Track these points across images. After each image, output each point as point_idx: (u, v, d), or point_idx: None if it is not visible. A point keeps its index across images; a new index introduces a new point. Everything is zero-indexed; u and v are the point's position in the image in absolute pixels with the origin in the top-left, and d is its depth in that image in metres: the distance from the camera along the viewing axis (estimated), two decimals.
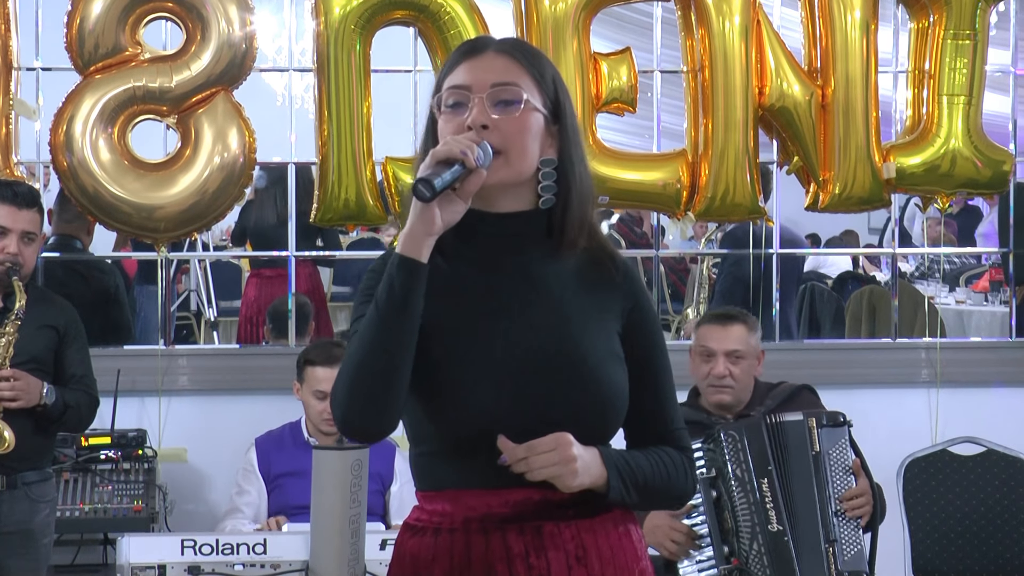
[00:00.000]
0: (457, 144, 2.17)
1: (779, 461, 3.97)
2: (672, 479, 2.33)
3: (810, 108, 5.22)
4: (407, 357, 2.18)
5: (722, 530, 3.91)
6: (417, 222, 2.17)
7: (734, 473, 3.92)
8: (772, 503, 3.92)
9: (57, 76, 5.24)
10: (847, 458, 4.05)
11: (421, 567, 2.26)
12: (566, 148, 2.31)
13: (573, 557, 2.24)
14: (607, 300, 2.32)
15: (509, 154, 2.23)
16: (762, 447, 3.96)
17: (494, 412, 2.19)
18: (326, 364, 4.60)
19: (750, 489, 3.92)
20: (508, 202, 2.28)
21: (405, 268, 2.17)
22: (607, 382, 2.25)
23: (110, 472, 5.04)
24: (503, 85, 2.25)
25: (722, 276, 6.95)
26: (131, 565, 3.69)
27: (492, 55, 2.29)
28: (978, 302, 8.47)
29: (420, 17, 5.07)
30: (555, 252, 2.30)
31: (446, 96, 2.28)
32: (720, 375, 4.24)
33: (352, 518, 3.40)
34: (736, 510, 3.91)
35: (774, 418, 4.03)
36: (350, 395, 2.19)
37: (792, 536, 3.91)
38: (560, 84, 2.33)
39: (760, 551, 3.88)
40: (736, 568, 3.88)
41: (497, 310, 2.25)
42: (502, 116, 2.24)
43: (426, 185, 2.13)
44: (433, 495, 2.28)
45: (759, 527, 3.89)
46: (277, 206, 7.60)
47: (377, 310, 2.18)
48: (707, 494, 3.92)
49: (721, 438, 3.95)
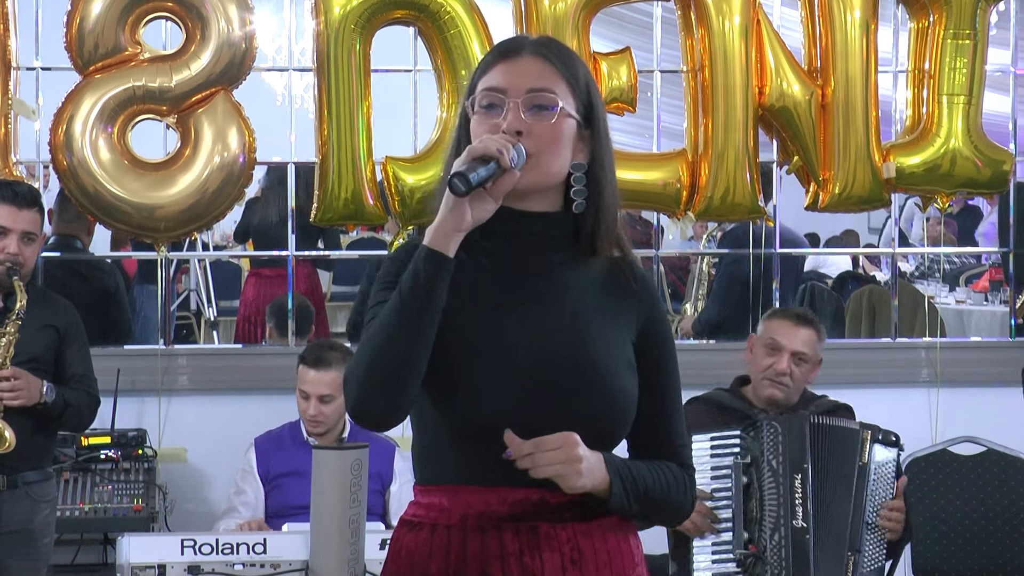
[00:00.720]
0: (494, 143, 2.17)
1: (817, 461, 3.98)
2: (672, 493, 2.32)
3: (810, 108, 5.22)
4: (425, 349, 2.18)
5: (746, 517, 3.95)
6: (448, 216, 2.17)
7: (769, 463, 3.95)
8: (801, 499, 3.94)
9: (57, 76, 5.23)
10: (892, 476, 4.08)
11: (417, 563, 2.26)
12: (598, 153, 2.31)
13: (568, 559, 2.24)
14: (623, 308, 2.31)
15: (541, 159, 2.23)
16: (802, 444, 3.98)
17: (502, 408, 2.19)
18: (314, 366, 4.59)
19: (782, 482, 3.94)
20: (535, 203, 2.28)
21: (432, 260, 2.17)
22: (617, 389, 2.25)
23: (110, 472, 5.04)
24: (538, 91, 2.25)
25: (719, 275, 6.93)
26: (131, 565, 3.69)
27: (528, 58, 2.27)
28: (978, 302, 8.47)
29: (420, 17, 5.07)
30: (579, 257, 2.30)
31: (480, 97, 2.27)
32: (782, 371, 4.24)
33: (352, 518, 3.40)
34: (764, 500, 3.94)
35: (821, 419, 4.06)
36: (365, 381, 2.18)
37: (814, 535, 3.93)
38: (593, 88, 2.32)
39: (780, 543, 3.90)
40: (753, 555, 3.90)
41: (514, 309, 2.25)
42: (536, 122, 2.24)
43: (462, 179, 2.13)
44: (431, 488, 2.28)
45: (783, 520, 3.92)
46: (281, 205, 7.59)
47: (400, 299, 2.17)
48: (738, 479, 3.95)
49: (763, 427, 3.98)
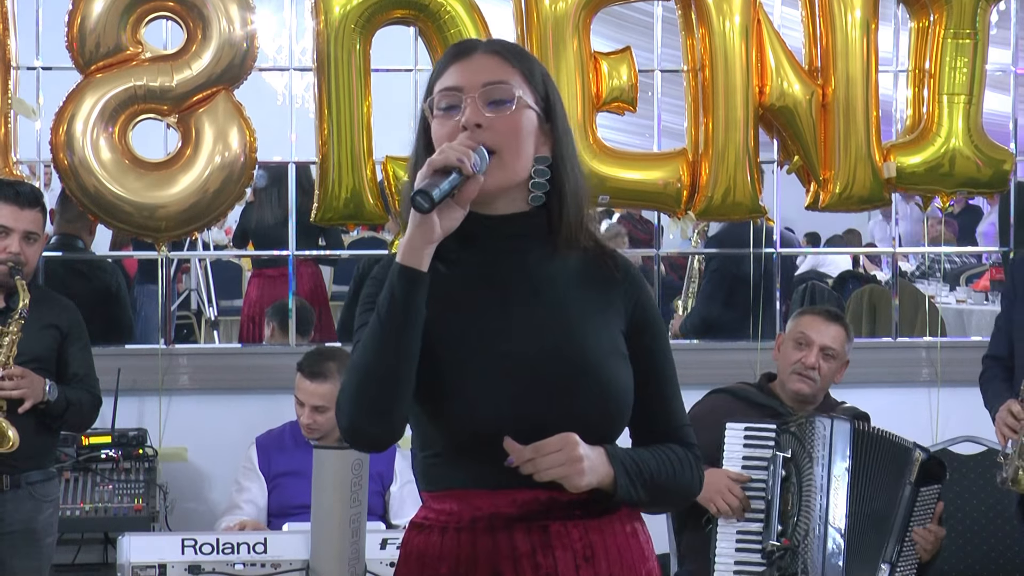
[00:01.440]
0: (453, 152, 2.16)
1: (859, 466, 4.00)
2: (679, 475, 2.32)
3: (810, 107, 5.22)
4: (410, 366, 2.17)
5: (781, 510, 3.95)
6: (416, 232, 2.17)
7: (813, 459, 3.97)
8: (841, 501, 3.95)
9: (58, 75, 5.23)
10: (934, 501, 4.13)
11: (427, 565, 2.26)
12: (559, 146, 2.30)
13: (581, 556, 2.24)
14: (609, 298, 2.31)
15: (504, 153, 2.23)
16: (847, 447, 3.99)
17: (499, 415, 2.19)
18: (310, 378, 4.58)
19: (823, 481, 3.96)
20: (506, 204, 2.28)
21: (405, 277, 2.17)
22: (611, 380, 2.25)
23: (110, 471, 5.04)
24: (495, 84, 2.25)
25: (707, 276, 6.88)
26: (132, 564, 3.69)
27: (481, 56, 2.28)
28: (978, 301, 8.47)
29: (420, 16, 5.07)
30: (554, 251, 2.30)
31: (438, 99, 2.27)
32: (811, 364, 4.28)
33: (352, 517, 3.40)
34: (802, 496, 3.95)
35: (865, 426, 4.07)
36: (355, 404, 2.19)
37: (848, 539, 3.95)
38: (550, 82, 2.32)
39: (814, 541, 3.91)
40: (786, 548, 3.91)
41: (499, 312, 2.25)
42: (495, 114, 2.24)
43: (424, 197, 2.13)
44: (441, 495, 2.28)
45: (820, 518, 3.93)
46: (279, 205, 7.58)
47: (379, 320, 2.17)
48: (776, 472, 3.97)
49: (815, 423, 4.00)
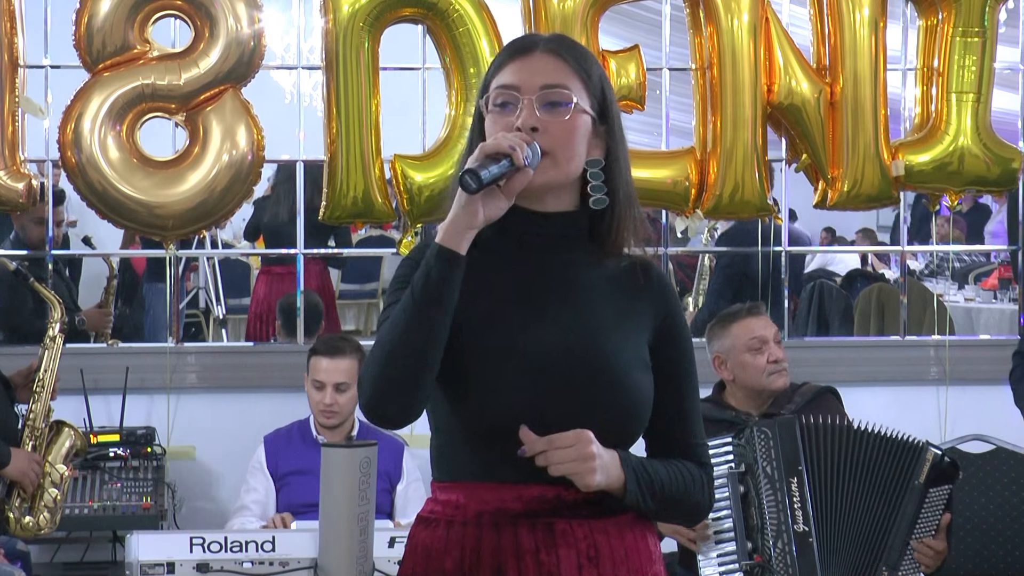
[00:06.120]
0: (507, 140, 2.16)
1: (812, 462, 3.93)
2: (689, 492, 2.31)
3: (819, 106, 5.22)
4: (438, 347, 2.18)
5: (747, 526, 3.91)
6: (460, 214, 2.17)
7: (764, 470, 3.92)
8: (800, 503, 3.90)
9: (65, 74, 5.24)
10: (942, 504, 4.02)
11: (432, 559, 2.26)
12: (613, 149, 2.30)
13: (584, 556, 2.23)
14: (639, 308, 2.30)
15: (557, 156, 2.22)
16: (794, 446, 3.93)
17: (517, 407, 2.19)
18: (328, 355, 4.59)
19: (778, 487, 3.90)
20: (551, 202, 2.27)
21: (443, 258, 2.17)
22: (632, 388, 2.25)
23: (119, 470, 5.05)
24: (552, 87, 2.24)
25: (715, 274, 6.90)
26: (140, 563, 3.69)
27: (540, 55, 2.27)
28: (987, 300, 8.46)
29: (428, 15, 5.07)
30: (596, 255, 2.29)
31: (494, 96, 2.26)
32: (780, 357, 4.27)
33: (361, 516, 3.40)
34: (763, 507, 3.91)
35: (810, 419, 3.99)
36: (378, 379, 2.19)
37: (817, 538, 3.89)
38: (607, 84, 2.32)
39: (784, 550, 3.87)
40: (759, 565, 3.88)
41: (529, 307, 2.25)
42: (551, 118, 2.23)
43: (473, 176, 2.12)
44: (448, 486, 2.28)
45: (784, 526, 3.88)
46: (295, 202, 7.59)
47: (412, 298, 2.17)
48: (735, 489, 3.91)
49: (753, 433, 3.94)
